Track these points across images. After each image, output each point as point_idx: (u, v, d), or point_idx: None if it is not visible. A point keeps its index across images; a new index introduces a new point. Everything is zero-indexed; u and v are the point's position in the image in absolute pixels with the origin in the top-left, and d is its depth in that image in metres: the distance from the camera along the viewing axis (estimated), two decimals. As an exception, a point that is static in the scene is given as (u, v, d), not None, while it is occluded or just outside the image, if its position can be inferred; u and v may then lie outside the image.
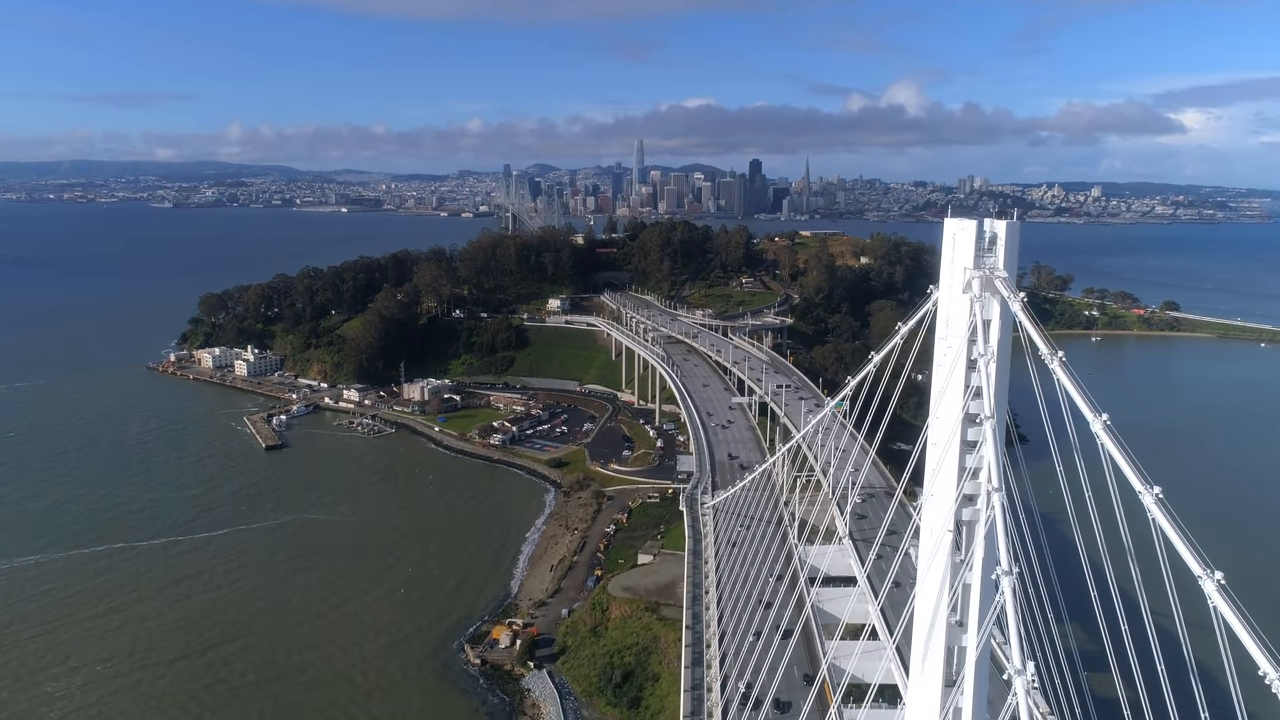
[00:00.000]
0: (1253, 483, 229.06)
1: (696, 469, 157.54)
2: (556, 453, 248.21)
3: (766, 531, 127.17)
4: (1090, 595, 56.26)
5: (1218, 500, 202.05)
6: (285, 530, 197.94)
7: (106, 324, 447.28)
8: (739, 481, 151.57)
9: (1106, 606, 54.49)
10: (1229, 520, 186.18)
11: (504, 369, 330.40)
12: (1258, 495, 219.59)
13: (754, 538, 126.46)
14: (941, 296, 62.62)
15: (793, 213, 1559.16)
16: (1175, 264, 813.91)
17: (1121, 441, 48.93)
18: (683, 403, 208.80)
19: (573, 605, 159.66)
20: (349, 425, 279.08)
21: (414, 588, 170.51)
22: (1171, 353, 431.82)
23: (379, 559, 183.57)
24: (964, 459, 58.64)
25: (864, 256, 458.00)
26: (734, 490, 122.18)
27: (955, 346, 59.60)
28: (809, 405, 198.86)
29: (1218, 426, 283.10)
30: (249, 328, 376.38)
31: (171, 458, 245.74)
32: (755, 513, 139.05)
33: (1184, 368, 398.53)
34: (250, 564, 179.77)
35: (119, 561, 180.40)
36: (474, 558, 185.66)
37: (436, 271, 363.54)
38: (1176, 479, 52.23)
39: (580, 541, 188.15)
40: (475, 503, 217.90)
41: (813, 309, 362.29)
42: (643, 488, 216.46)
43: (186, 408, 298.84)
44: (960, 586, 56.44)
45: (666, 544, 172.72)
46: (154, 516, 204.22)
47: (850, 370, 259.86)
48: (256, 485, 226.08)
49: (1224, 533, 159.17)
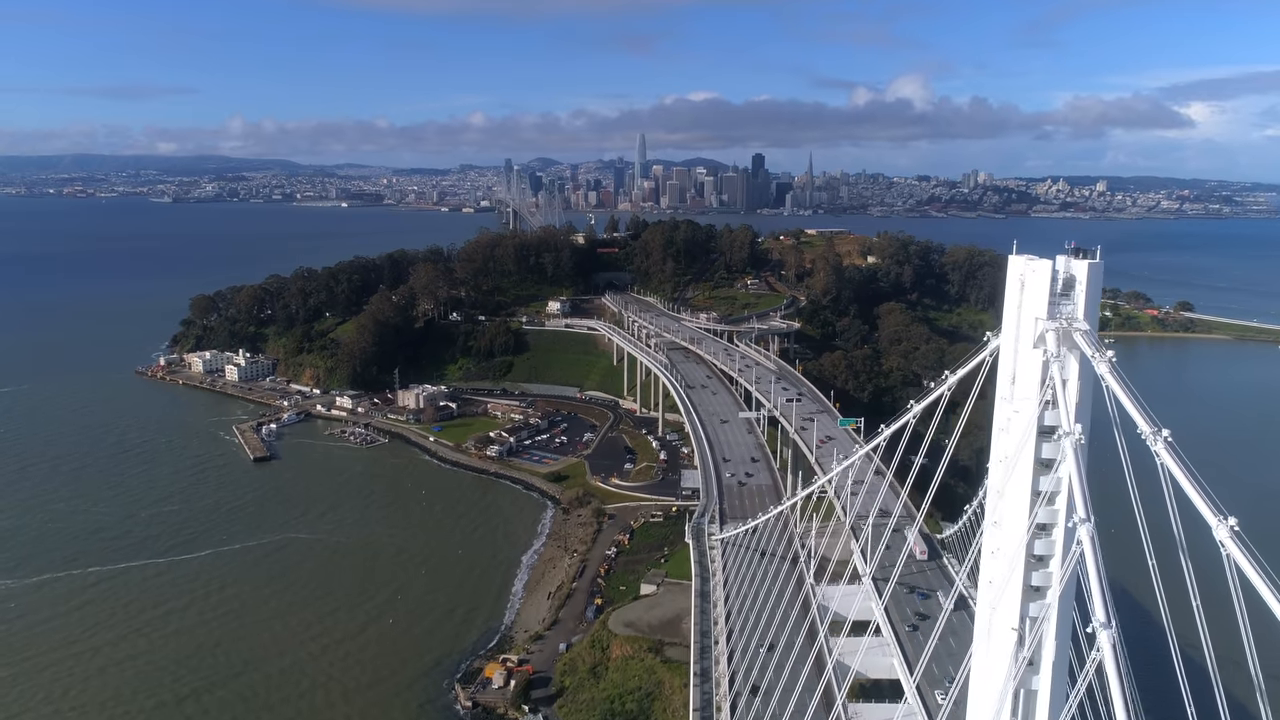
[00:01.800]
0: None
1: (703, 494, 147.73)
2: (555, 465, 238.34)
3: (780, 568, 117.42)
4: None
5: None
6: (268, 552, 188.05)
7: (97, 325, 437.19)
8: (749, 516, 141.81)
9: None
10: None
11: (502, 374, 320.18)
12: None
13: (766, 574, 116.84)
14: (1004, 348, 52.04)
15: (796, 208, 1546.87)
16: (1185, 261, 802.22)
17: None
18: (688, 417, 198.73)
19: (571, 639, 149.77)
20: (341, 435, 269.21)
21: (403, 617, 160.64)
22: (1188, 355, 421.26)
23: (366, 584, 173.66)
24: (1030, 573, 48.85)
25: (871, 255, 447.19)
26: (744, 529, 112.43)
27: (1025, 414, 49.07)
28: (821, 421, 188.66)
29: (1263, 440, 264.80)
30: (241, 330, 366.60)
31: (152, 470, 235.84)
32: (767, 546, 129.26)
33: (1205, 372, 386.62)
34: (229, 591, 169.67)
35: (88, 588, 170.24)
36: (467, 583, 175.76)
37: (433, 273, 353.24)
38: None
39: (580, 565, 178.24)
40: (470, 521, 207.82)
41: (820, 311, 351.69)
42: (646, 505, 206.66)
43: (173, 415, 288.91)
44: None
45: (671, 571, 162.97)
46: (129, 536, 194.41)
47: (861, 380, 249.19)
48: (241, 501, 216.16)
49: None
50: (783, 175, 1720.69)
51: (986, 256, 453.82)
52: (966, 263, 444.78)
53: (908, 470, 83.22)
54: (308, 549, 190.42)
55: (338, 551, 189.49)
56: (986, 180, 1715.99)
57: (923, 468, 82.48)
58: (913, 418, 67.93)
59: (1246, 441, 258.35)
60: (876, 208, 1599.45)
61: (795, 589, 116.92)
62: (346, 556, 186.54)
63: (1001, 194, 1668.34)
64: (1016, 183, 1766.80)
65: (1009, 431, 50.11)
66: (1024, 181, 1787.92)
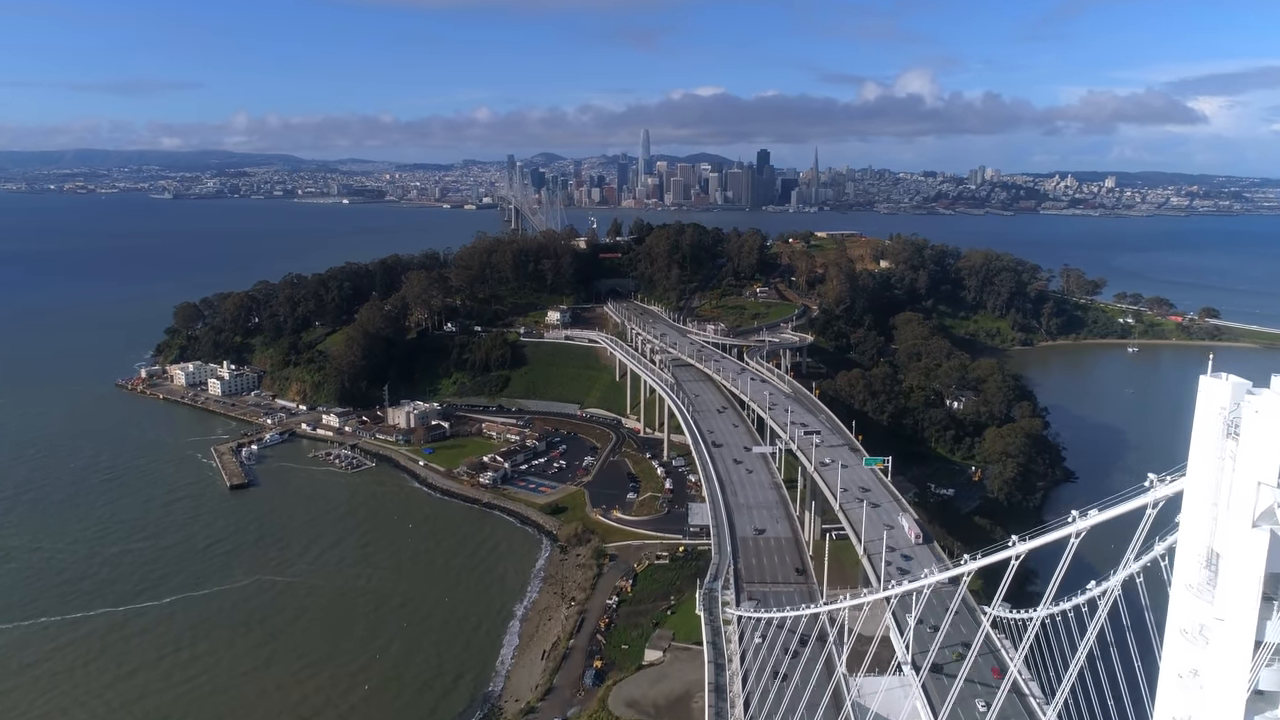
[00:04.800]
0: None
1: (715, 550, 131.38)
2: (553, 495, 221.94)
3: (806, 651, 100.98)
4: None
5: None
6: (237, 599, 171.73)
7: (81, 331, 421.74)
8: (767, 578, 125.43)
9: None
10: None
11: (498, 389, 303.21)
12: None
13: (789, 654, 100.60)
14: (1192, 514, 34.75)
15: (801, 204, 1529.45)
16: (1202, 261, 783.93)
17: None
18: (697, 451, 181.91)
19: (567, 712, 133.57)
20: (325, 457, 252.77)
21: (382, 682, 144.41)
22: (1216, 366, 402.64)
23: (342, 639, 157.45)
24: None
25: (884, 260, 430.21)
26: (765, 617, 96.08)
27: (1236, 624, 31.82)
28: (841, 454, 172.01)
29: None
30: (227, 340, 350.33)
31: (121, 500, 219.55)
32: (793, 623, 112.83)
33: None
34: (188, 651, 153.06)
35: (33, 643, 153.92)
36: (454, 637, 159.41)
37: (427, 282, 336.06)
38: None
39: (578, 618, 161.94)
40: (459, 560, 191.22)
41: (833, 322, 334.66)
42: (650, 544, 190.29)
43: (149, 435, 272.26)
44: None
45: (678, 631, 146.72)
46: (89, 579, 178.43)
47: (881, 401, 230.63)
48: (213, 537, 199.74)
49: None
50: (788, 171, 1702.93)
51: (1004, 261, 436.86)
52: (983, 268, 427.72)
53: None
54: (281, 595, 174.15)
55: (314, 597, 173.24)
56: (994, 176, 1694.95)
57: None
58: (1015, 558, 50.74)
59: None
60: (883, 204, 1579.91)
61: (825, 674, 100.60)
62: (324, 603, 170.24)
63: (1009, 190, 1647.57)
64: (1024, 178, 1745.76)
65: (1201, 640, 33.22)
66: (1031, 177, 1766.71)
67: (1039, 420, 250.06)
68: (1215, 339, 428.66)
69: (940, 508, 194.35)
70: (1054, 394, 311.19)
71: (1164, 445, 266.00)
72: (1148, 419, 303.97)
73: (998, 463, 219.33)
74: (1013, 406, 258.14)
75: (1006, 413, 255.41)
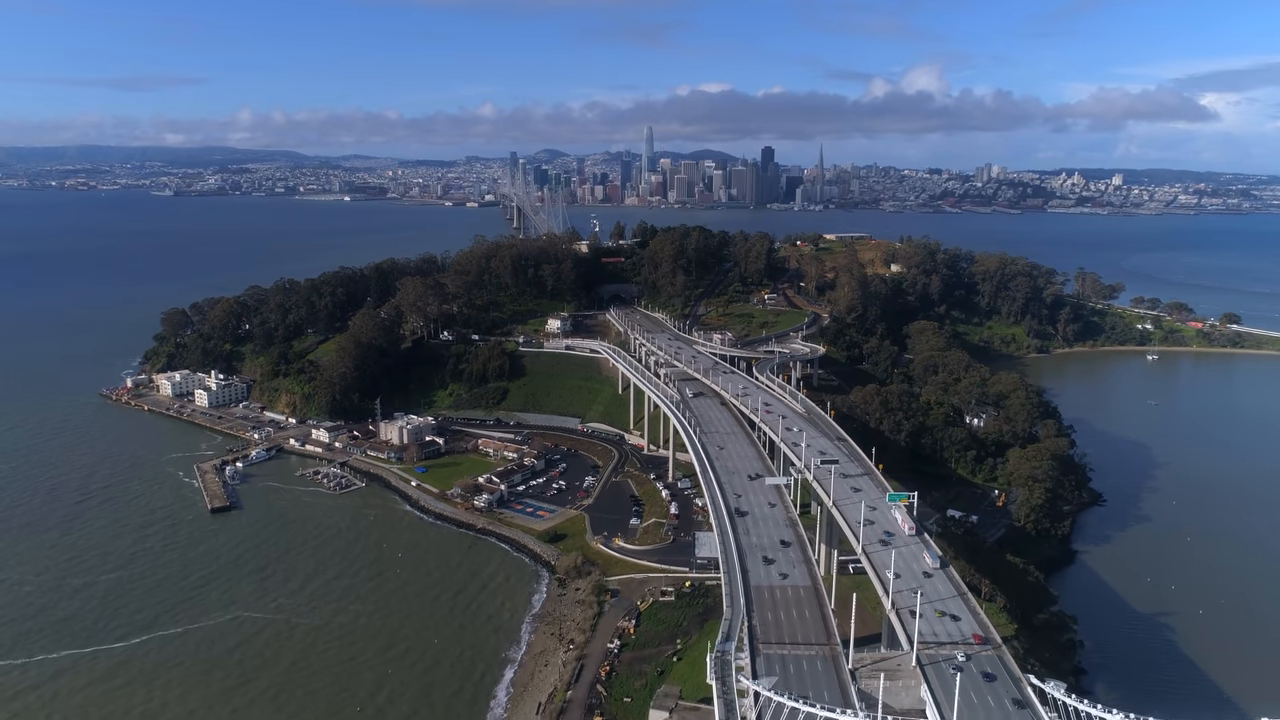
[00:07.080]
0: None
1: (726, 603, 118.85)
2: (551, 520, 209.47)
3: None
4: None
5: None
6: (211, 638, 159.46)
7: (70, 336, 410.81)
8: (785, 637, 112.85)
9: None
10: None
11: (496, 402, 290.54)
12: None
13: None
14: None
15: (806, 202, 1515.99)
16: (1217, 262, 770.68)
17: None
18: (705, 483, 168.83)
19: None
20: (314, 477, 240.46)
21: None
22: (1240, 375, 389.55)
23: (320, 686, 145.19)
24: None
25: (895, 264, 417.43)
26: (790, 706, 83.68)
27: None
28: (861, 484, 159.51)
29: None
30: (215, 348, 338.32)
31: (94, 525, 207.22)
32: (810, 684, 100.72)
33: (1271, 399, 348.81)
34: (155, 699, 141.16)
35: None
36: (443, 687, 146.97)
37: (422, 288, 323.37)
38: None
39: (577, 664, 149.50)
40: (451, 594, 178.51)
41: (845, 331, 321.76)
42: (655, 578, 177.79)
43: (131, 451, 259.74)
44: None
45: (685, 686, 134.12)
46: (50, 614, 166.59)
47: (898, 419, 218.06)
48: (190, 567, 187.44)
49: None
50: (792, 168, 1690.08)
51: (1019, 265, 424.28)
52: (998, 272, 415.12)
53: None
54: (258, 634, 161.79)
55: (293, 637, 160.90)
56: (1000, 174, 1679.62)
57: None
58: None
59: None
60: (888, 202, 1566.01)
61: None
62: (301, 645, 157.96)
63: (1016, 188, 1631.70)
64: (1031, 176, 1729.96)
65: None
66: (1038, 175, 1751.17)
67: (1065, 440, 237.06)
68: (1237, 346, 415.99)
69: (964, 538, 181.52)
70: (1073, 405, 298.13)
71: (1194, 463, 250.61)
72: (1175, 433, 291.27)
73: (1024, 487, 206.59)
74: (1036, 424, 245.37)
75: (1030, 431, 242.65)
